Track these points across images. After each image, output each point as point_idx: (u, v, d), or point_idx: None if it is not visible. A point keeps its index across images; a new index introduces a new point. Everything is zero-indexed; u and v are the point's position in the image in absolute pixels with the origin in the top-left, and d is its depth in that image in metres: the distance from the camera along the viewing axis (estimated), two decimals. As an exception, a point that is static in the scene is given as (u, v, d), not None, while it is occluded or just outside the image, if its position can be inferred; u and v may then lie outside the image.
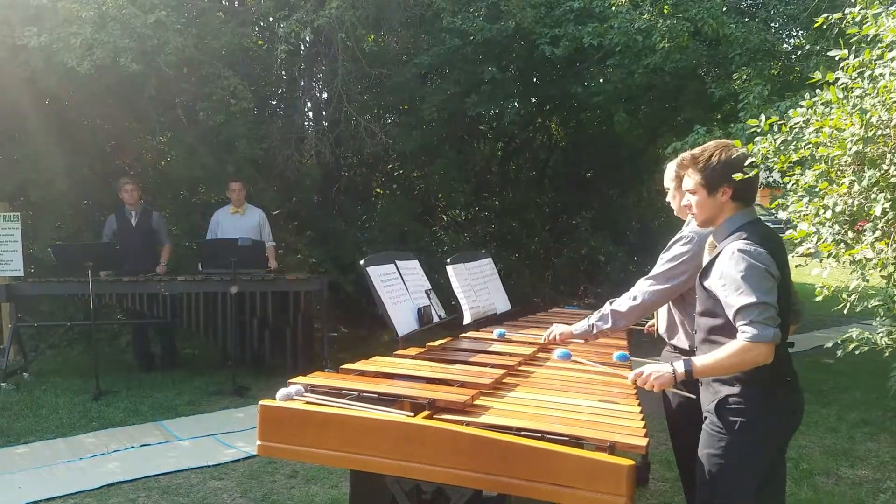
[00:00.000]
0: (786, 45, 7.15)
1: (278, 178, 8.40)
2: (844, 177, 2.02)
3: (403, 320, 3.05)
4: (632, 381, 2.42)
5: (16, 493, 3.97)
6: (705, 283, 2.33)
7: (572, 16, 7.18)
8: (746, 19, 6.91)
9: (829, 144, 1.97)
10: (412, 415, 2.15)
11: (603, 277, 10.93)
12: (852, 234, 1.99)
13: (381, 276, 3.04)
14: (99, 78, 6.21)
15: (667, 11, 6.54)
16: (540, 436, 2.00)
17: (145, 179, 8.11)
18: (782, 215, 2.56)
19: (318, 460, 2.17)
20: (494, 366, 2.75)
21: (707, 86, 6.89)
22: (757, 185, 2.35)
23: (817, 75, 2.24)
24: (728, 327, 2.22)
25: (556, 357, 2.91)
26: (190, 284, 6.48)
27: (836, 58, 2.24)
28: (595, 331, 2.93)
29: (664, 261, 2.79)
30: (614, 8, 6.73)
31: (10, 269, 6.60)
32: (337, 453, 2.10)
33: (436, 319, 3.32)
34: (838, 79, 2.17)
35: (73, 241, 7.38)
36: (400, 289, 3.15)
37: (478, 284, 3.75)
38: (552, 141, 11.21)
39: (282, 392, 2.27)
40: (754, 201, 2.38)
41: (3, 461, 4.49)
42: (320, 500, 3.93)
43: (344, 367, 2.62)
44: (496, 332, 3.37)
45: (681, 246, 2.75)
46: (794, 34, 7.35)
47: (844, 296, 2.11)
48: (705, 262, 2.44)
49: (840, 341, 2.88)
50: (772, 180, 6.92)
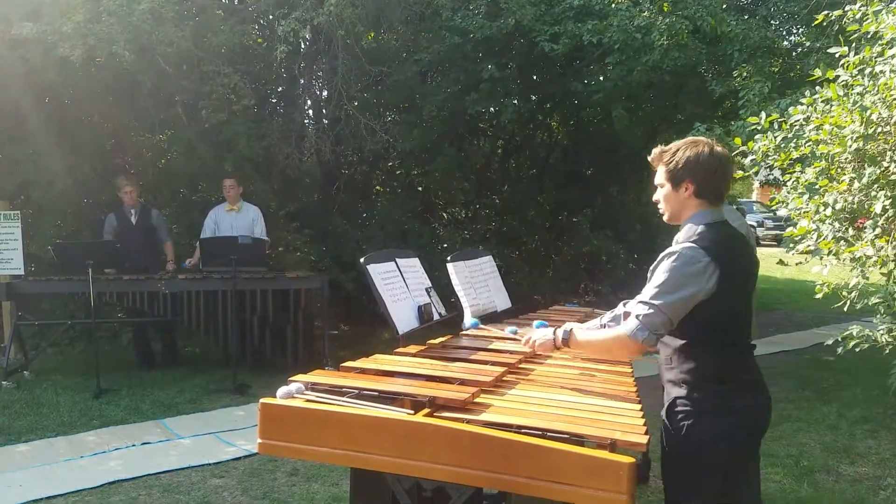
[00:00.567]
0: (786, 43, 7.16)
1: (278, 176, 8.40)
2: (845, 174, 2.02)
3: (404, 318, 3.05)
4: (524, 344, 2.61)
5: (17, 492, 3.98)
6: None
7: (572, 13, 7.19)
8: (746, 16, 6.92)
9: (829, 142, 1.96)
10: (412, 413, 2.15)
11: (603, 275, 10.95)
12: (852, 231, 1.98)
13: (382, 274, 3.04)
14: (98, 75, 6.21)
15: (666, 9, 6.55)
16: (540, 433, 2.00)
17: (145, 177, 8.11)
18: (782, 212, 2.56)
19: (318, 458, 2.17)
20: (495, 363, 2.74)
21: (707, 83, 6.89)
22: (722, 183, 2.32)
23: (818, 73, 2.24)
24: (686, 328, 2.22)
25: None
26: (190, 283, 6.49)
27: (837, 55, 2.24)
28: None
29: None
30: (614, 5, 6.73)
31: (10, 267, 6.60)
32: (337, 451, 2.09)
33: (436, 317, 3.31)
34: (839, 76, 2.17)
35: (74, 240, 7.39)
36: (400, 287, 3.14)
37: (478, 282, 3.75)
38: (552, 139, 11.21)
39: (282, 390, 2.27)
40: (720, 201, 2.35)
41: (5, 459, 4.50)
42: (321, 498, 3.93)
43: (344, 364, 2.61)
44: (508, 329, 3.35)
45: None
46: (795, 31, 7.36)
47: (844, 293, 2.10)
48: None
49: (840, 338, 2.88)
50: (772, 178, 6.93)
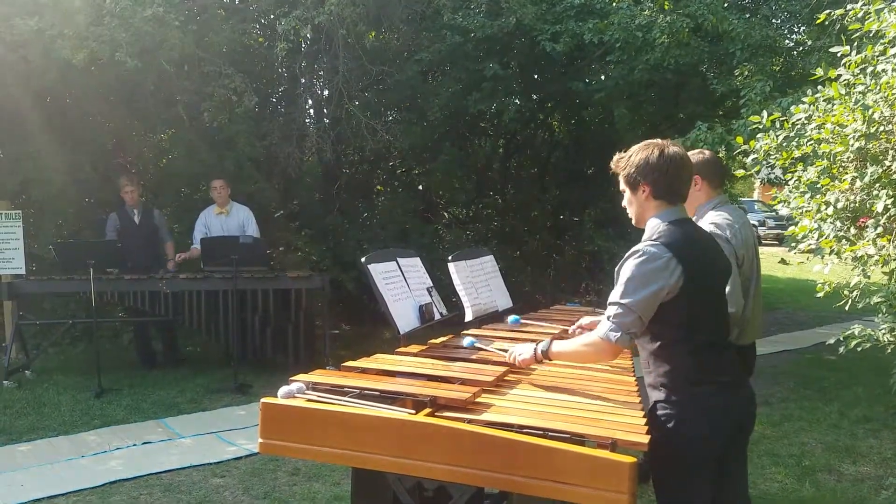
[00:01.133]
0: (788, 42, 7.14)
1: (279, 175, 8.40)
2: (846, 173, 2.01)
3: (405, 318, 3.05)
4: (508, 359, 2.63)
5: (18, 491, 3.98)
6: None
7: (573, 12, 7.19)
8: (748, 15, 6.91)
9: (831, 141, 1.96)
10: (414, 412, 2.15)
11: (604, 275, 10.93)
12: (854, 230, 1.98)
13: (383, 274, 3.04)
14: (99, 75, 6.21)
15: (667, 7, 6.55)
16: (542, 433, 2.00)
17: (146, 177, 8.12)
18: (784, 211, 2.55)
19: (319, 458, 2.16)
20: (496, 363, 2.74)
21: (708, 82, 6.88)
22: (676, 183, 2.31)
23: (819, 72, 2.23)
24: (645, 329, 2.24)
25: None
26: (191, 282, 6.49)
27: (839, 54, 2.23)
28: None
29: None
30: (615, 4, 6.73)
31: (11, 267, 6.61)
32: (338, 451, 2.09)
33: (437, 317, 3.31)
34: (840, 75, 2.17)
35: (75, 239, 7.39)
36: (401, 286, 3.14)
37: (479, 281, 3.75)
38: (553, 138, 11.20)
39: (283, 390, 2.27)
40: (679, 200, 2.34)
41: (6, 459, 4.50)
42: (322, 498, 3.93)
43: (345, 364, 2.61)
44: (510, 318, 3.35)
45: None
46: (796, 30, 7.35)
47: (846, 292, 2.10)
48: None
49: (842, 338, 2.87)
50: (773, 177, 6.92)
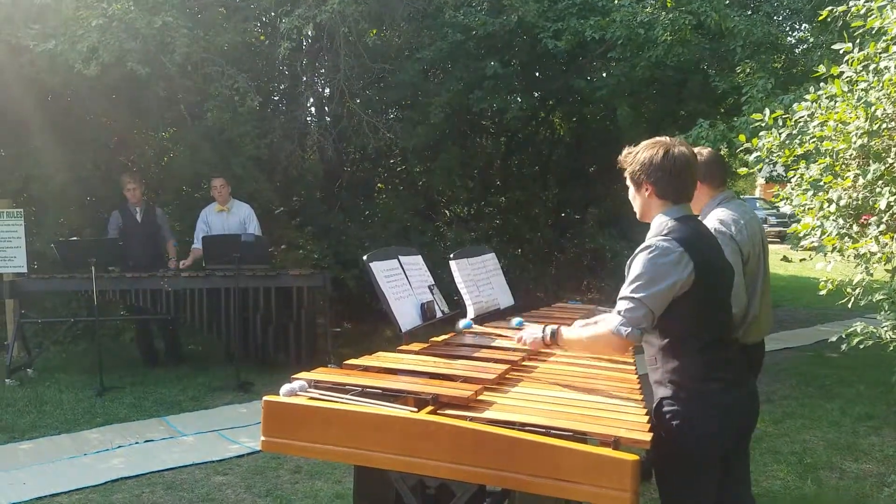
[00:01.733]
0: (790, 39, 7.13)
1: (281, 174, 8.40)
2: (849, 170, 2.01)
3: (407, 316, 3.05)
4: (516, 342, 2.67)
5: (21, 489, 3.99)
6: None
7: (575, 9, 7.18)
8: (749, 12, 6.90)
9: (833, 138, 1.96)
10: (416, 410, 2.14)
11: (606, 273, 10.93)
12: (857, 227, 1.98)
13: (384, 272, 3.04)
14: (103, 77, 6.21)
15: (669, 4, 6.54)
16: (544, 431, 2.00)
17: (148, 176, 8.12)
18: (786, 209, 2.55)
19: (321, 456, 2.17)
20: (498, 361, 2.74)
21: (710, 79, 6.87)
22: (681, 183, 2.30)
23: (822, 69, 2.23)
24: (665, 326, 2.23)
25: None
26: (193, 280, 6.49)
27: (841, 51, 2.22)
28: None
29: None
30: (616, 1, 6.72)
31: (13, 265, 6.61)
32: (341, 449, 2.10)
33: (439, 315, 3.31)
34: (843, 72, 2.16)
35: (76, 238, 7.39)
36: (403, 284, 3.14)
37: (481, 279, 3.75)
38: (555, 136, 11.20)
39: (285, 388, 2.27)
40: (685, 199, 2.33)
41: (8, 457, 4.51)
42: (324, 496, 3.94)
43: (347, 362, 2.61)
44: (514, 321, 3.34)
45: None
46: (798, 27, 7.33)
47: (849, 289, 2.09)
48: None
49: (844, 335, 2.87)
50: (776, 174, 6.91)
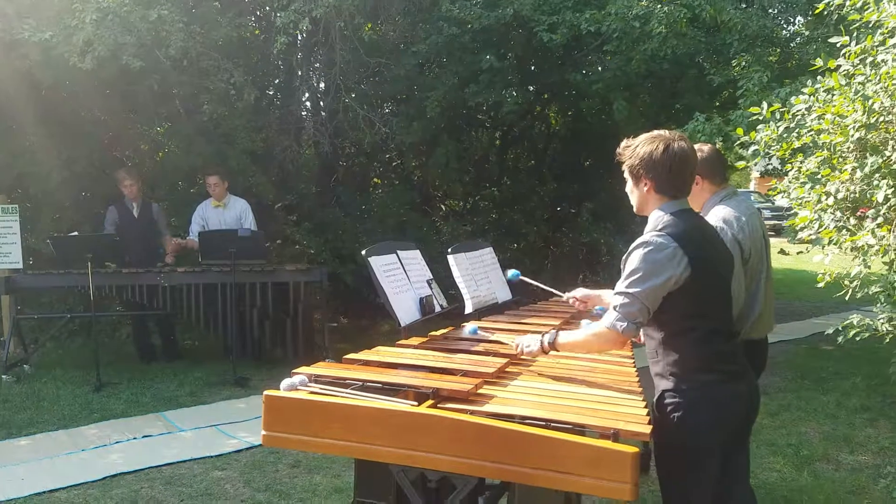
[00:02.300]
0: (785, 32, 7.14)
1: (276, 168, 8.39)
2: (847, 163, 2.02)
3: (406, 310, 3.06)
4: (514, 349, 2.65)
5: (19, 485, 3.99)
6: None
7: (570, 2, 7.17)
8: (744, 5, 6.90)
9: (831, 131, 1.97)
10: (416, 404, 2.15)
11: (602, 267, 10.96)
12: (854, 220, 1.99)
13: (383, 267, 3.04)
14: (98, 71, 6.19)
15: (665, -2, 6.53)
16: (544, 424, 2.01)
17: (142, 171, 8.09)
18: (781, 202, 2.57)
19: (322, 449, 2.18)
20: (497, 355, 2.76)
21: (706, 73, 6.88)
22: (680, 179, 2.30)
23: (819, 62, 2.24)
24: (653, 319, 2.24)
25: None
26: (190, 276, 6.48)
27: (838, 44, 2.23)
28: None
29: None
30: (612, -6, 6.71)
31: (9, 261, 6.59)
32: (342, 442, 2.11)
33: (437, 309, 3.32)
34: (840, 66, 2.17)
35: (72, 233, 7.37)
36: (402, 279, 3.15)
37: (479, 274, 3.75)
38: (551, 130, 11.19)
39: (286, 382, 2.28)
40: (683, 194, 2.34)
41: (6, 453, 4.51)
42: (323, 490, 3.95)
43: (347, 357, 2.62)
44: (510, 273, 3.39)
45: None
46: (793, 21, 7.34)
47: (846, 282, 2.11)
48: None
49: (841, 328, 2.88)
50: (771, 168, 6.92)
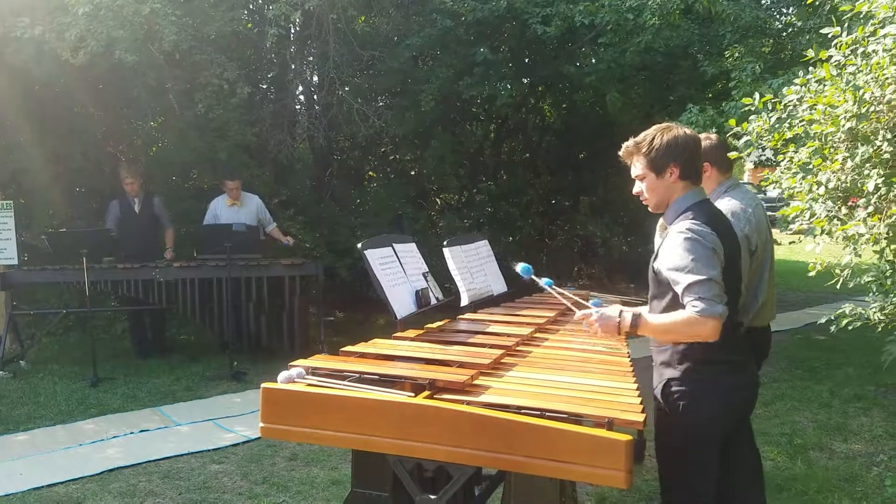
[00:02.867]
0: (777, 23, 7.15)
1: (271, 162, 8.38)
2: (838, 153, 2.04)
3: (402, 303, 3.07)
4: (577, 319, 2.37)
5: (17, 480, 4.00)
6: (655, 266, 2.33)
7: (564, -5, 7.17)
8: (738, -3, 6.90)
9: (822, 121, 1.98)
10: (413, 395, 2.17)
11: (597, 259, 11.00)
12: (845, 210, 2.01)
13: (379, 260, 3.05)
14: (91, 67, 6.16)
15: (658, -11, 6.53)
16: (539, 413, 2.03)
17: (136, 165, 8.07)
18: (772, 193, 2.59)
19: (320, 441, 2.19)
20: (493, 346, 2.77)
21: (699, 64, 6.89)
22: (700, 163, 2.35)
23: (810, 53, 2.25)
24: (677, 308, 2.21)
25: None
26: (185, 270, 6.49)
27: (829, 35, 2.25)
28: None
29: None
30: (605, -14, 6.72)
31: (4, 257, 6.59)
32: (339, 434, 2.12)
33: (433, 302, 3.33)
34: (831, 56, 2.18)
35: (67, 229, 7.37)
36: (398, 272, 3.16)
37: (474, 266, 3.77)
38: (545, 123, 11.20)
39: (283, 375, 2.29)
40: (700, 181, 2.38)
41: (4, 449, 4.51)
42: (321, 482, 3.97)
43: (344, 349, 2.63)
44: (544, 281, 3.10)
45: None
46: (786, 11, 7.35)
47: (837, 271, 2.13)
48: (656, 244, 2.45)
49: (833, 317, 2.91)
50: (764, 158, 6.95)
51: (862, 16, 2.21)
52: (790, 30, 6.89)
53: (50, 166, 7.08)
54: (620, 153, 2.42)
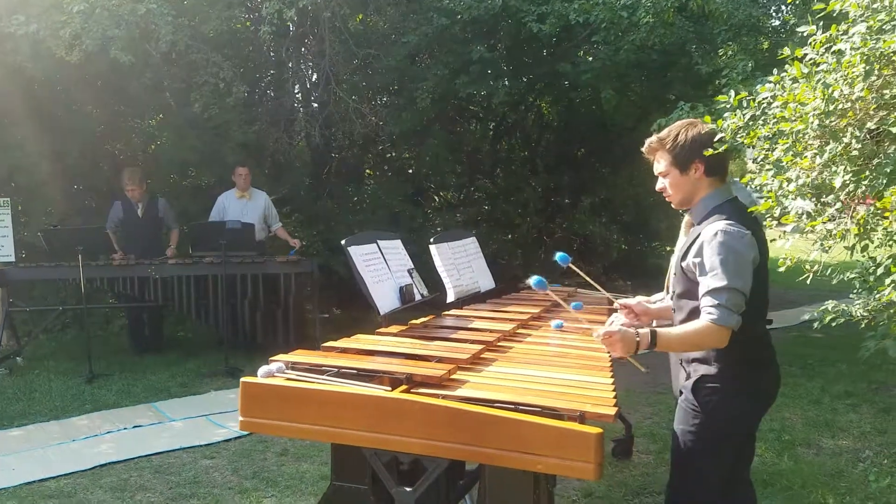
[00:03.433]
0: (775, 21, 7.15)
1: (268, 160, 8.41)
2: (810, 150, 2.06)
3: (385, 299, 3.10)
4: (596, 338, 2.24)
5: (10, 475, 4.04)
6: (683, 265, 2.32)
7: (558, -8, 7.18)
8: (733, -6, 6.89)
9: (793, 119, 2.00)
10: (390, 389, 2.20)
11: (595, 257, 11.00)
12: (814, 206, 2.03)
13: (363, 256, 3.08)
14: (88, 65, 6.19)
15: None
16: (513, 407, 2.05)
17: (134, 163, 8.11)
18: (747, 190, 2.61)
19: (298, 434, 2.22)
20: (474, 342, 2.80)
21: (694, 62, 6.89)
22: (728, 159, 2.36)
23: (786, 51, 2.27)
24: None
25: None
26: (181, 268, 6.52)
27: (804, 33, 2.27)
28: None
29: None
30: (599, -16, 6.72)
31: (1, 254, 6.63)
32: (316, 427, 2.15)
33: (418, 298, 3.36)
34: (806, 54, 2.20)
35: (64, 226, 7.40)
36: (382, 268, 3.19)
37: (461, 263, 3.80)
38: (543, 120, 11.20)
39: (263, 369, 2.33)
40: (727, 176, 2.40)
41: (-2, 444, 4.56)
42: (310, 477, 4.00)
43: (325, 344, 2.66)
44: (573, 304, 3.04)
45: None
46: (780, 10, 7.35)
47: (807, 266, 2.15)
48: (682, 242, 2.46)
49: (817, 314, 2.92)
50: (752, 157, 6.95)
51: (835, 14, 2.24)
52: (787, 27, 6.88)
53: (47, 163, 7.12)
54: (643, 149, 2.42)
